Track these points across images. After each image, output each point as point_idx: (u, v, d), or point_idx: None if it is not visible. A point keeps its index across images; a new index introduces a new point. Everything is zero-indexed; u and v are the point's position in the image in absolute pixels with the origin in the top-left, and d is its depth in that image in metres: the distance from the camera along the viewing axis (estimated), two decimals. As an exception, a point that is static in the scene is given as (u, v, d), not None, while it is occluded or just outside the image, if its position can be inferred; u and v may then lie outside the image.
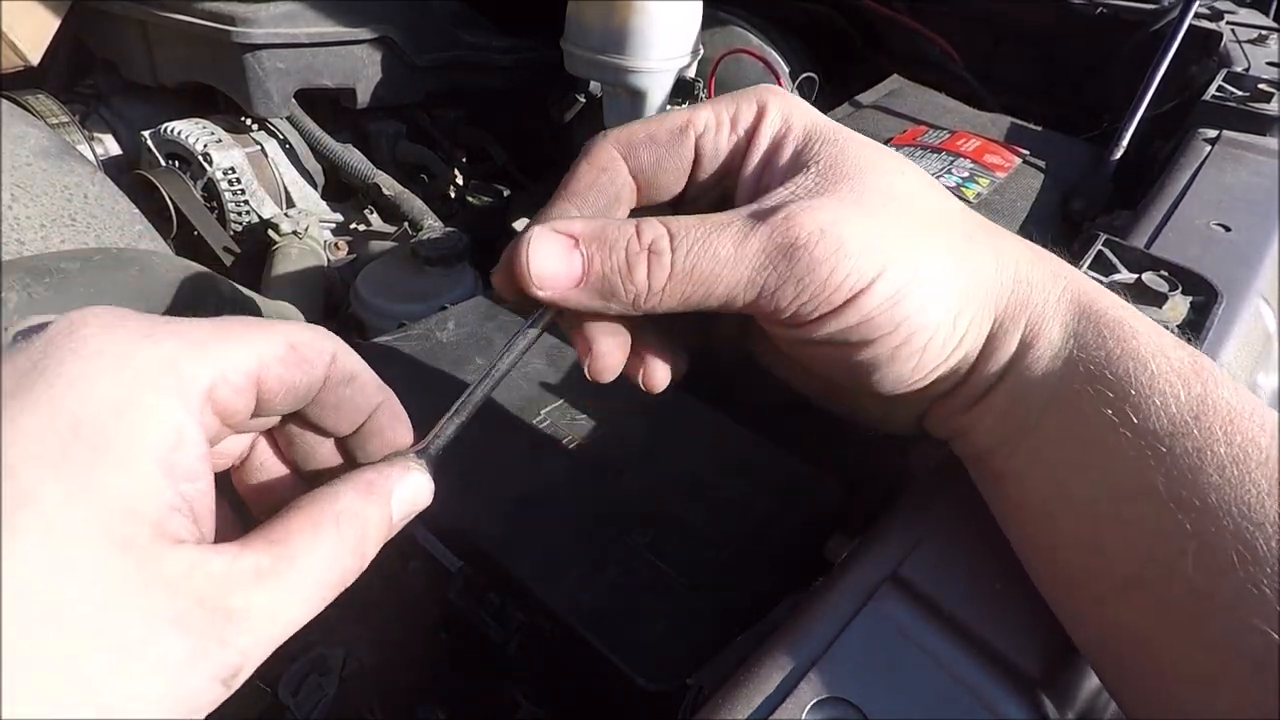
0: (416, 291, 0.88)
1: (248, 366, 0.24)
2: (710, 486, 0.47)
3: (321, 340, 0.27)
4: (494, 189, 1.15)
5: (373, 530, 0.25)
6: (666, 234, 0.27)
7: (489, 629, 0.43)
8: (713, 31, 1.05)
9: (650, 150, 0.30)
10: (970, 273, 0.29)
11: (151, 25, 0.96)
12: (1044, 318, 0.29)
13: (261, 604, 0.21)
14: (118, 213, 0.63)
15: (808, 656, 0.27)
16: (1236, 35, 0.90)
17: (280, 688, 0.53)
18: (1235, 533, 0.24)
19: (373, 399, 0.29)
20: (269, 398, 0.25)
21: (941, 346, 0.29)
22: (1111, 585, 0.27)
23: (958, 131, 0.75)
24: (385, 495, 0.26)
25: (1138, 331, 0.28)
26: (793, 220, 0.26)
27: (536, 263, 0.27)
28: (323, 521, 0.24)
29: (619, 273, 0.27)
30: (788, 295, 0.27)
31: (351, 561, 0.24)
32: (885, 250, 0.27)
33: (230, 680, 0.21)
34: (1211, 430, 0.26)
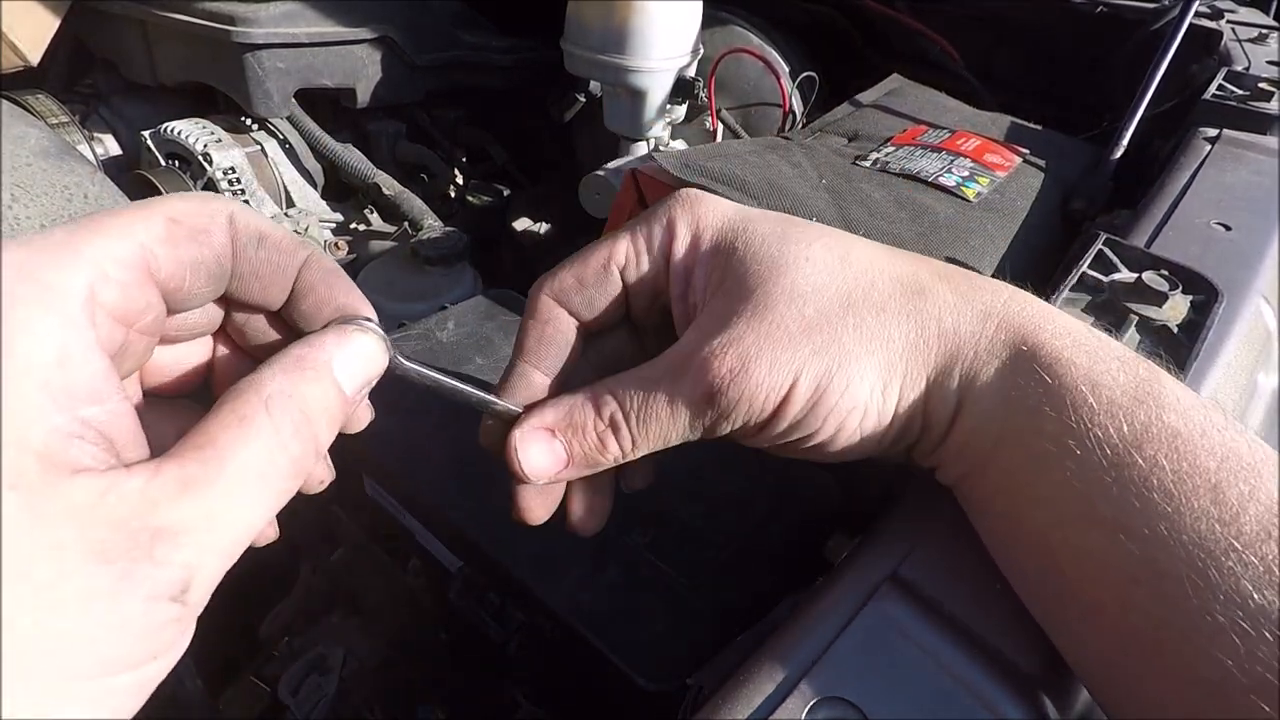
0: (416, 291, 0.88)
1: (127, 256, 0.22)
2: (710, 486, 0.47)
3: (208, 205, 0.24)
4: (494, 189, 1.15)
5: (315, 407, 0.23)
6: (618, 408, 0.30)
7: (489, 629, 0.43)
8: (713, 31, 1.05)
9: (580, 293, 0.33)
10: (886, 347, 0.30)
11: (151, 25, 0.96)
12: (976, 363, 0.30)
13: (194, 515, 0.20)
14: (117, 213, 0.63)
15: (808, 656, 0.27)
16: (1237, 34, 0.90)
17: (280, 687, 0.53)
18: (1186, 560, 0.24)
19: (293, 256, 0.26)
20: (173, 285, 0.23)
21: (877, 420, 0.30)
22: (1075, 611, 0.27)
23: (958, 131, 0.75)
24: (322, 367, 0.24)
25: (1075, 365, 0.28)
26: (706, 368, 0.29)
27: (529, 463, 0.31)
28: (248, 413, 0.22)
29: (596, 450, 0.31)
30: (724, 426, 0.30)
31: (297, 447, 0.23)
32: (794, 361, 0.29)
33: (181, 596, 0.20)
34: (1155, 459, 0.26)
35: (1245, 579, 0.23)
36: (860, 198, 0.61)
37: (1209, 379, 0.41)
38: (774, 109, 1.04)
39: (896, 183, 0.64)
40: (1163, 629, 0.25)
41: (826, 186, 0.63)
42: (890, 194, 0.62)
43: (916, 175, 0.65)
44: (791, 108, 1.02)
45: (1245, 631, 0.23)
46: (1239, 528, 0.24)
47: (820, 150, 0.71)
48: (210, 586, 0.21)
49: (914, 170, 0.66)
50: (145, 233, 0.23)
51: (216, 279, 0.25)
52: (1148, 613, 0.25)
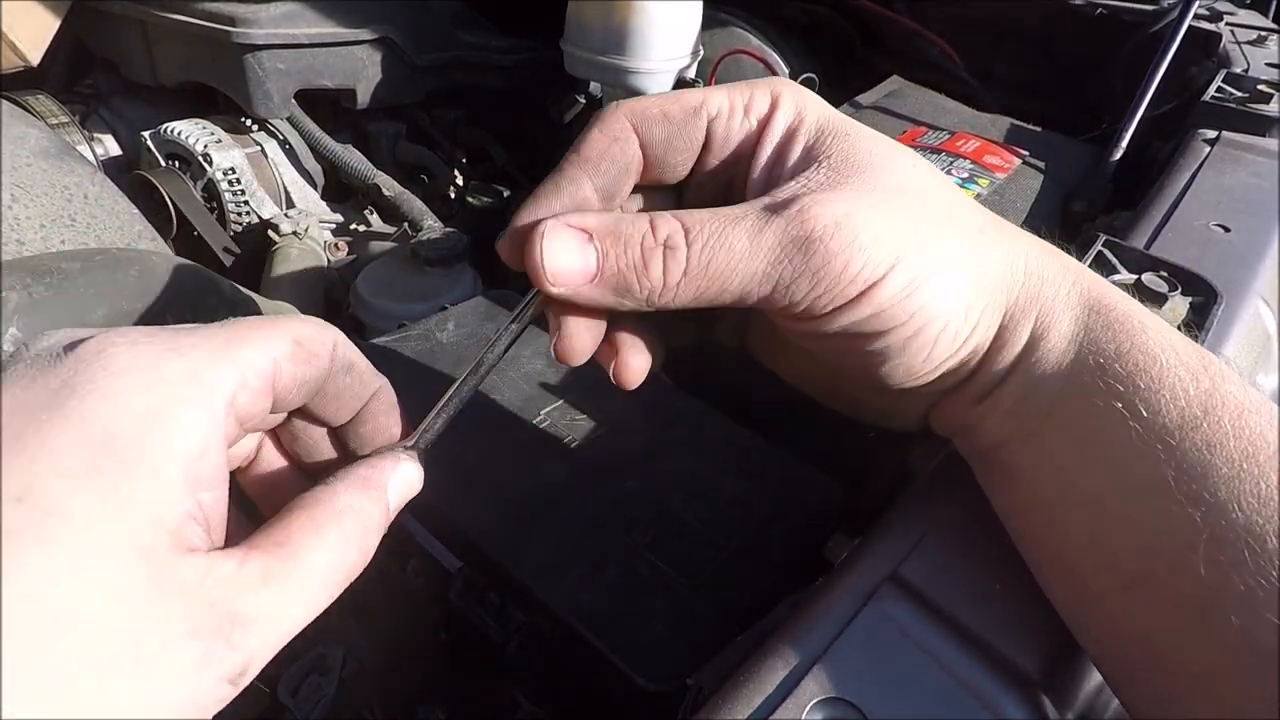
0: (416, 291, 0.88)
1: (264, 369, 0.24)
2: (710, 486, 0.47)
3: (323, 332, 0.27)
4: (494, 189, 1.15)
5: (372, 524, 0.26)
6: (681, 229, 0.27)
7: (489, 629, 0.43)
8: (713, 32, 1.05)
9: (663, 126, 0.30)
10: (982, 265, 0.29)
11: (151, 25, 0.96)
12: (1054, 311, 0.29)
13: (268, 607, 0.22)
14: (118, 213, 0.63)
15: (808, 656, 0.27)
16: (1236, 36, 0.90)
17: (280, 688, 0.53)
18: (1246, 526, 0.24)
19: (370, 386, 0.29)
20: (283, 396, 0.26)
21: (954, 338, 0.29)
22: (1119, 581, 0.27)
23: (957, 132, 0.75)
24: (381, 488, 0.27)
25: (1146, 326, 0.28)
26: (808, 213, 0.26)
27: (550, 258, 0.27)
28: (324, 521, 0.24)
29: (634, 269, 0.27)
30: (802, 289, 0.27)
31: (355, 556, 0.25)
32: (899, 242, 0.27)
33: (238, 679, 0.22)
34: (1221, 424, 0.26)
35: None
36: (860, 199, 0.61)
37: (1208, 380, 0.41)
38: (774, 110, 1.04)
39: (896, 184, 0.64)
40: (1217, 595, 0.24)
41: (826, 187, 0.63)
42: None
43: (916, 176, 0.65)
44: (791, 109, 1.02)
45: None
46: None
47: (820, 151, 0.71)
48: (253, 675, 0.22)
49: (914, 171, 0.66)
50: (277, 348, 0.25)
51: (310, 395, 0.27)
52: (1202, 579, 0.24)
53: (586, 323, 0.29)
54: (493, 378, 0.54)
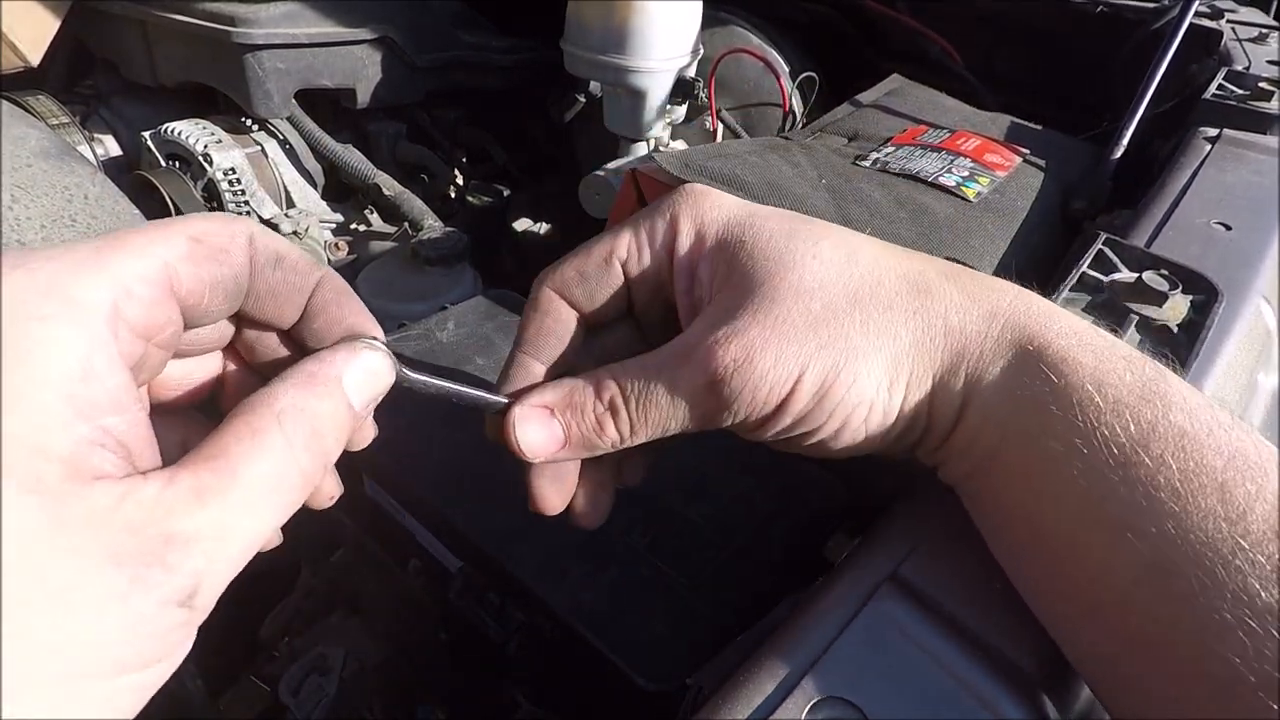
0: (416, 291, 0.88)
1: (150, 274, 0.23)
2: (710, 486, 0.47)
3: (229, 225, 0.25)
4: (494, 189, 1.15)
5: (326, 423, 0.24)
6: (618, 392, 0.31)
7: (489, 629, 0.43)
8: (713, 31, 1.05)
9: (582, 285, 0.33)
10: (893, 344, 0.30)
11: (151, 25, 0.96)
12: (982, 362, 0.30)
13: (207, 523, 0.21)
14: (118, 213, 0.63)
15: (808, 656, 0.27)
16: (1237, 34, 0.89)
17: (280, 687, 0.53)
18: (1194, 559, 0.24)
19: (308, 276, 0.27)
20: (193, 301, 0.24)
21: (883, 416, 0.30)
22: (1076, 609, 0.27)
23: (958, 130, 0.75)
24: (333, 382, 0.24)
25: (1081, 364, 0.28)
26: (710, 358, 0.29)
27: (525, 440, 0.31)
28: (263, 426, 0.22)
29: (593, 432, 0.31)
30: (725, 418, 0.30)
31: (307, 460, 0.23)
32: (800, 355, 0.29)
33: (189, 601, 0.21)
34: (1162, 458, 0.26)
35: (1252, 577, 0.23)
36: (860, 198, 0.61)
37: (1209, 379, 0.41)
38: (774, 109, 1.04)
39: (896, 183, 0.64)
40: (1170, 627, 0.24)
41: (826, 186, 0.63)
42: (890, 194, 0.62)
43: (916, 175, 0.65)
44: (791, 108, 1.02)
45: (1253, 629, 0.23)
46: (1246, 526, 0.24)
47: (820, 150, 0.71)
48: (216, 593, 0.22)
49: (914, 170, 0.66)
50: (168, 250, 0.23)
51: (233, 297, 0.26)
52: (1154, 612, 0.25)
53: (554, 486, 0.33)
54: (493, 377, 0.54)
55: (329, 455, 0.24)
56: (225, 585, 0.22)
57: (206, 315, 0.25)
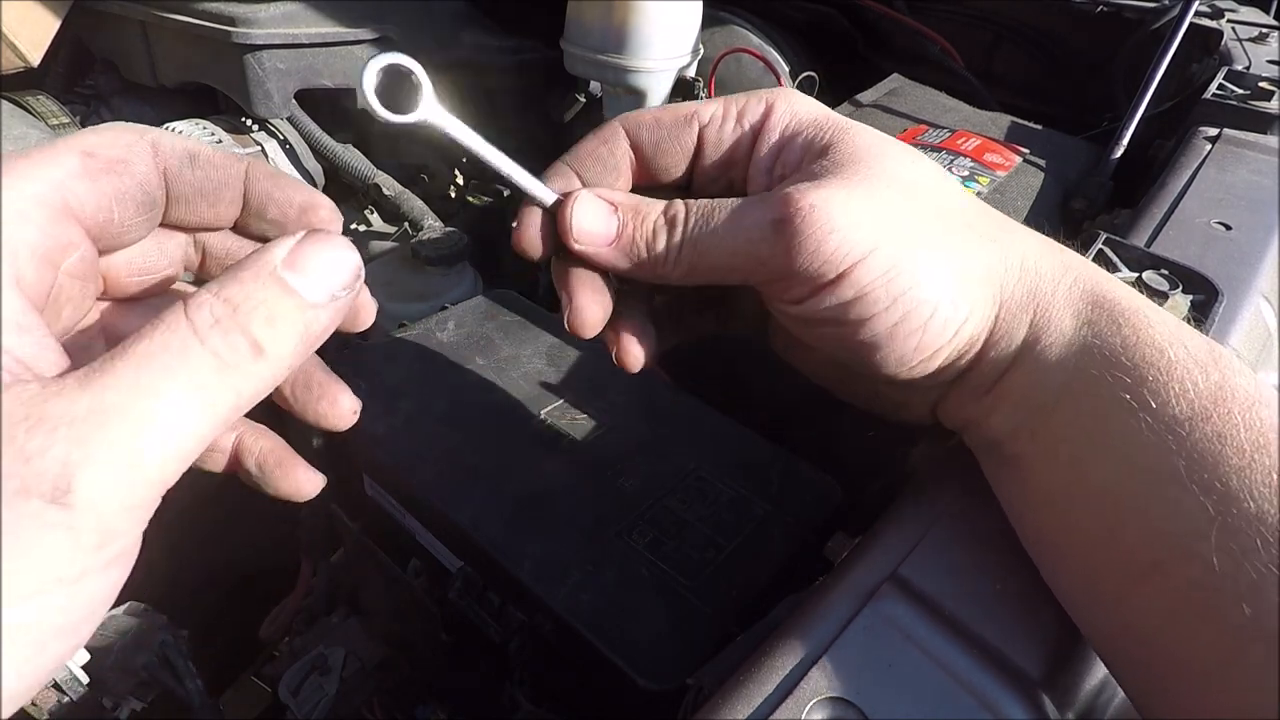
0: (416, 291, 0.88)
1: (41, 195, 0.22)
2: (710, 486, 0.47)
3: (124, 135, 0.24)
4: (494, 189, 1.15)
5: (246, 303, 0.21)
6: (684, 209, 0.30)
7: (489, 629, 0.43)
8: (713, 31, 1.05)
9: (653, 131, 0.32)
10: (970, 258, 0.29)
11: (151, 25, 0.96)
12: (1053, 305, 0.29)
13: (82, 405, 0.18)
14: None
15: (808, 656, 0.27)
16: (1237, 33, 0.89)
17: (281, 687, 0.53)
18: (1258, 515, 0.24)
19: (230, 169, 0.26)
20: (101, 218, 0.23)
21: (942, 326, 0.29)
22: (1128, 573, 0.27)
23: (958, 130, 0.75)
24: (260, 266, 0.22)
25: (1153, 321, 0.29)
26: (787, 198, 0.28)
27: (579, 219, 0.30)
28: (167, 314, 0.20)
29: (645, 240, 0.30)
30: (781, 265, 0.28)
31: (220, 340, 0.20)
32: (879, 229, 0.28)
33: (59, 496, 0.18)
34: (1231, 416, 0.26)
35: None
36: (860, 197, 0.61)
37: (1209, 378, 0.41)
38: (774, 109, 1.04)
39: (896, 182, 0.64)
40: (1228, 583, 0.24)
41: (826, 186, 0.63)
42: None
43: (916, 175, 0.65)
44: (791, 107, 1.02)
45: None
46: None
47: (820, 150, 0.71)
48: (111, 496, 0.18)
49: (914, 170, 0.66)
50: (58, 170, 0.22)
51: (146, 208, 0.25)
52: (1214, 566, 0.24)
53: (595, 297, 0.32)
54: (493, 377, 0.54)
55: (263, 343, 0.21)
56: (124, 492, 0.19)
57: (125, 231, 0.24)
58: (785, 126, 0.32)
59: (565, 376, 0.55)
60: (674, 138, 0.32)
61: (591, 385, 0.54)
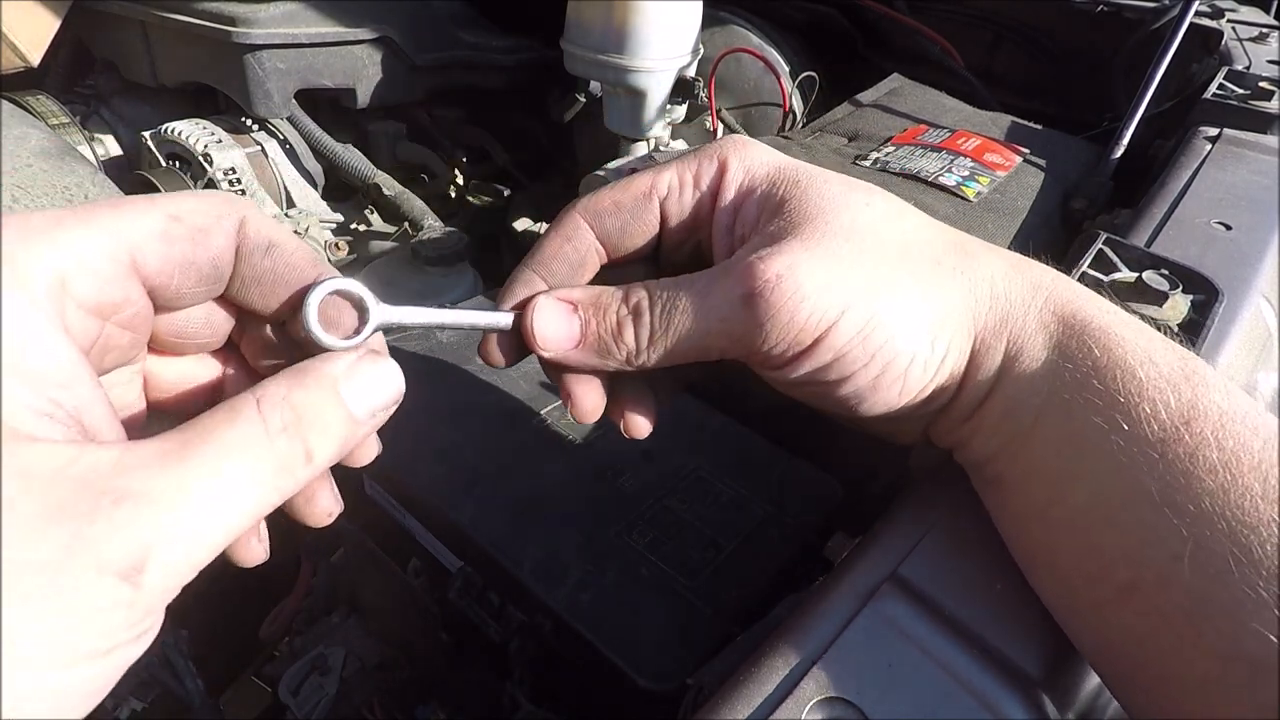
0: (416, 291, 0.88)
1: (109, 250, 0.22)
2: (710, 486, 0.47)
3: (218, 206, 0.24)
4: (494, 189, 1.15)
5: (310, 412, 0.22)
6: (646, 296, 0.29)
7: (489, 629, 0.43)
8: (713, 31, 1.05)
9: (615, 217, 0.32)
10: (941, 296, 0.29)
11: (151, 25, 0.96)
12: (1025, 331, 0.30)
13: (164, 485, 0.18)
14: (118, 213, 0.63)
15: (808, 656, 0.27)
16: (1237, 33, 0.89)
17: (281, 687, 0.53)
18: (1230, 536, 0.24)
19: (302, 269, 0.26)
20: (161, 281, 0.23)
21: (923, 370, 0.29)
22: (1108, 591, 0.27)
23: (958, 130, 0.75)
24: (324, 378, 0.23)
25: (1124, 339, 0.28)
26: (751, 269, 0.28)
27: (540, 327, 0.29)
28: (239, 406, 0.21)
29: (611, 334, 0.29)
30: (756, 340, 0.28)
31: (285, 444, 0.21)
32: (847, 286, 0.28)
33: (133, 575, 0.18)
34: (1202, 435, 0.26)
35: None
36: (860, 197, 0.61)
37: (1209, 378, 0.41)
38: (774, 109, 1.04)
39: (896, 182, 0.64)
40: (1204, 604, 0.24)
41: (826, 186, 0.63)
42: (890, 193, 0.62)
43: (916, 175, 0.65)
44: (791, 107, 1.02)
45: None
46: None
47: (820, 150, 0.71)
48: (171, 579, 0.19)
49: (914, 170, 0.66)
50: (139, 226, 0.22)
51: (210, 280, 0.25)
52: (1190, 588, 0.25)
53: (588, 388, 0.31)
54: (493, 377, 0.54)
55: (312, 449, 0.22)
56: (182, 573, 0.19)
57: (180, 298, 0.24)
58: (740, 184, 0.31)
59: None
60: (637, 219, 0.32)
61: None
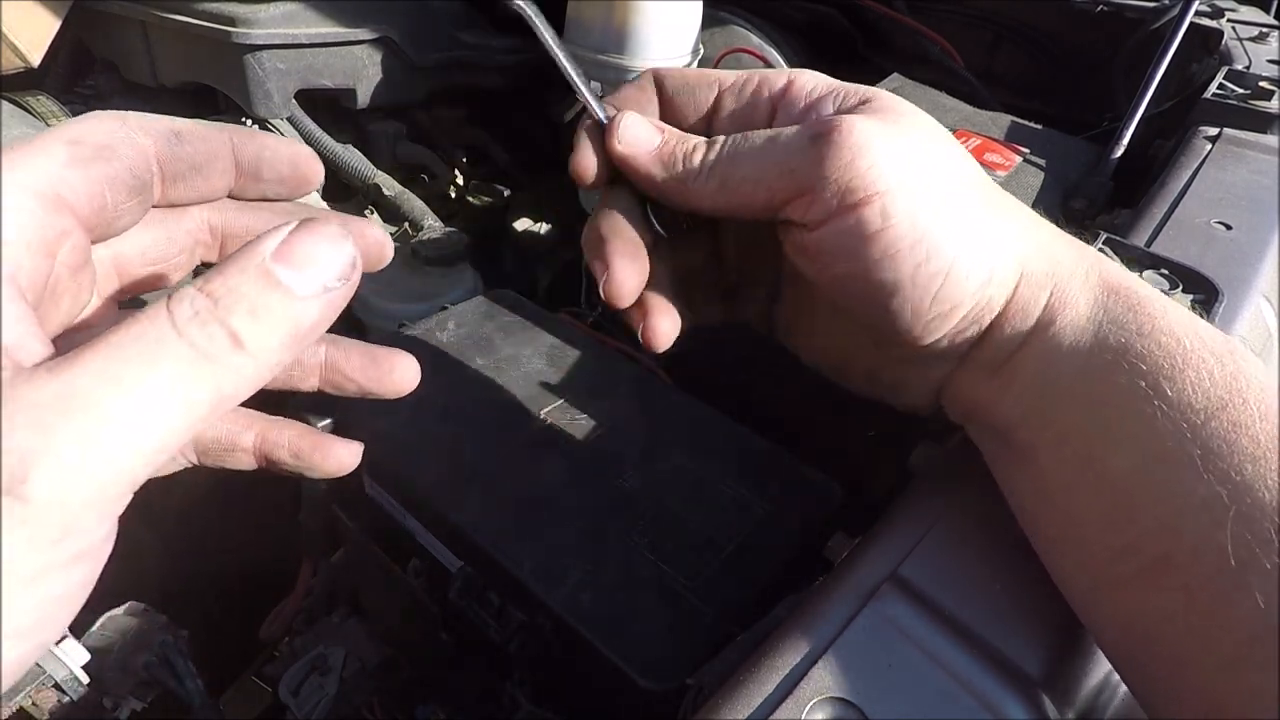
0: (416, 291, 0.87)
1: (33, 186, 0.22)
2: (710, 486, 0.47)
3: (106, 121, 0.24)
4: (494, 189, 1.15)
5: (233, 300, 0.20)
6: (723, 136, 0.32)
7: (489, 629, 0.43)
8: (713, 31, 1.05)
9: (675, 82, 0.35)
10: (994, 225, 0.30)
11: (151, 25, 0.96)
12: (1071, 287, 0.30)
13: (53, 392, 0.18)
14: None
15: (808, 656, 0.27)
16: (1237, 33, 0.89)
17: (281, 687, 0.53)
18: (1273, 505, 0.24)
19: (218, 141, 0.27)
20: (95, 204, 0.23)
21: (965, 277, 0.29)
22: (1139, 563, 0.26)
23: (958, 130, 0.75)
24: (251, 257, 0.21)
25: (1168, 310, 0.29)
26: (826, 119, 0.29)
27: (627, 126, 0.32)
28: (148, 310, 0.20)
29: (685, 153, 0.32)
30: (812, 178, 0.28)
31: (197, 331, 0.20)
32: (910, 169, 0.28)
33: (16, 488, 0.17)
34: (1247, 405, 0.26)
35: None
36: (860, 197, 0.61)
37: (1209, 378, 0.41)
38: (774, 109, 1.03)
39: (896, 182, 0.64)
40: (1239, 574, 0.24)
41: (826, 186, 0.63)
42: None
43: (916, 175, 0.65)
44: (791, 107, 1.02)
45: None
46: None
47: (820, 150, 0.71)
48: (76, 494, 0.18)
49: (914, 170, 0.66)
50: (49, 160, 0.23)
51: (137, 190, 0.25)
52: (1227, 558, 0.24)
53: (631, 265, 0.32)
54: (493, 377, 0.54)
55: (241, 335, 0.20)
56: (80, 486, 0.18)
57: (118, 215, 0.24)
58: (811, 89, 0.32)
59: (565, 376, 0.55)
60: (693, 94, 0.34)
61: (591, 385, 0.54)
